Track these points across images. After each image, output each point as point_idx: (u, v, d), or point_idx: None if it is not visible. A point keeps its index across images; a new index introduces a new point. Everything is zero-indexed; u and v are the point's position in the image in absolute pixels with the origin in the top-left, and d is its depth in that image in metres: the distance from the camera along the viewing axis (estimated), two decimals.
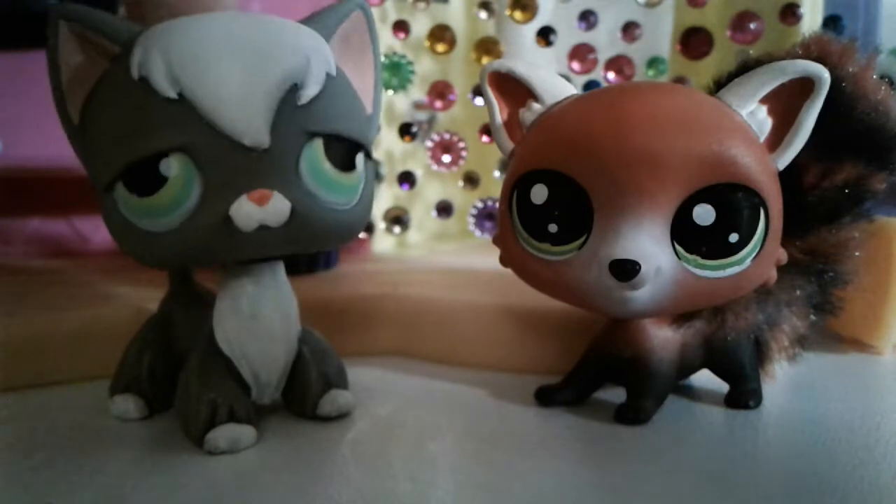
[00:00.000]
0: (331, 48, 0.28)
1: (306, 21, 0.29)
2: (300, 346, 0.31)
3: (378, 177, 0.57)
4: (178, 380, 0.30)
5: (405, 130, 0.56)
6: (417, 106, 0.59)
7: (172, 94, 0.24)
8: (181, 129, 0.24)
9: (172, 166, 0.24)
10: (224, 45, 0.25)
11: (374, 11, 0.57)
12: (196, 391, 0.29)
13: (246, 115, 0.25)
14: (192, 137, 0.24)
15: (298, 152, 0.26)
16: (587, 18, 0.54)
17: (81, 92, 0.27)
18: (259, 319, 0.28)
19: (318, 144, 0.26)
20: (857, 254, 0.32)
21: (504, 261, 0.32)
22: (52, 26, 0.27)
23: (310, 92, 0.26)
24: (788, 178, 0.29)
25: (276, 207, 0.25)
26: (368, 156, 0.29)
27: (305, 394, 0.31)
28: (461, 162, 0.56)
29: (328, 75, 0.27)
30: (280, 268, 0.30)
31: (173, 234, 0.25)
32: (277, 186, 0.25)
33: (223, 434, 0.28)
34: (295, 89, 0.26)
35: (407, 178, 0.58)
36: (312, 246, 0.28)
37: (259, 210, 0.25)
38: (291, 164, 0.26)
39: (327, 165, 0.27)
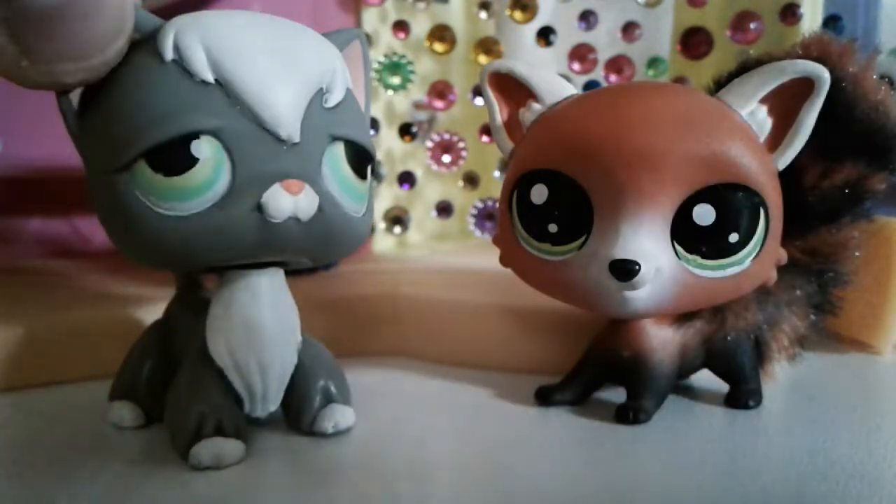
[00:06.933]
0: None
1: None
2: (300, 358, 0.29)
3: (378, 177, 0.57)
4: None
5: (405, 130, 0.56)
6: (417, 106, 0.59)
7: (209, 79, 0.24)
8: (215, 113, 0.24)
9: (204, 148, 0.24)
10: (261, 39, 0.26)
11: (374, 11, 0.57)
12: (185, 402, 0.28)
13: (283, 107, 0.25)
14: (226, 122, 0.24)
15: (322, 153, 0.26)
16: (587, 18, 0.54)
17: None
18: (251, 329, 0.27)
19: (340, 148, 0.27)
20: (857, 254, 0.32)
21: (504, 261, 0.32)
22: None
23: (336, 97, 0.27)
24: (788, 178, 0.29)
25: (307, 199, 0.25)
26: (373, 170, 0.29)
27: (303, 407, 0.30)
28: (461, 162, 0.56)
29: (347, 88, 0.28)
30: (279, 276, 0.28)
31: (198, 220, 0.24)
32: (307, 180, 0.25)
33: (207, 449, 0.26)
34: (321, 93, 0.26)
35: (407, 178, 0.58)
36: (326, 252, 0.28)
37: (292, 199, 0.25)
38: (317, 163, 0.26)
39: (347, 169, 0.27)
